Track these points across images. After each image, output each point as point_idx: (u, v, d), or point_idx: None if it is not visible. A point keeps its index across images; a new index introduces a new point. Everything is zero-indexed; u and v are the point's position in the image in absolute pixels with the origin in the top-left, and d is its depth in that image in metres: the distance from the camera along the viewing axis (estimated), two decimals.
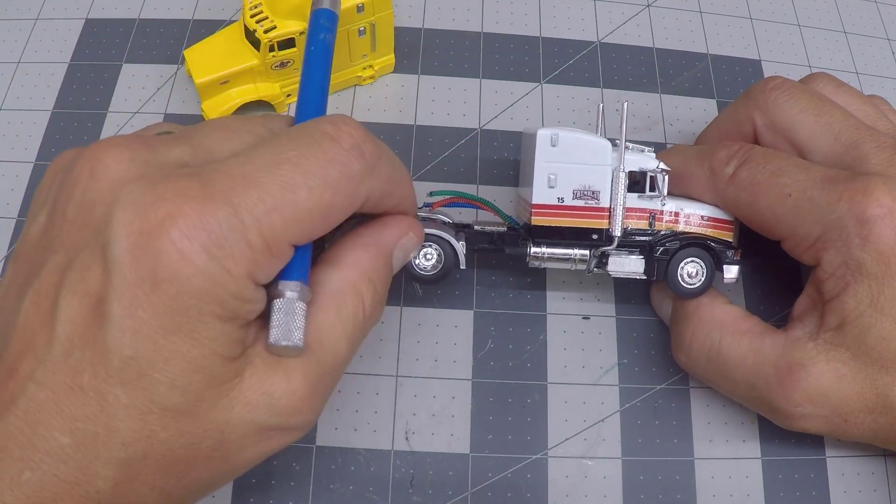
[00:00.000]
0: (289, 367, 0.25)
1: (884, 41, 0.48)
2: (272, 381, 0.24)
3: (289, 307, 0.25)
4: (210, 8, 0.45)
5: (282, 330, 0.24)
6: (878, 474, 0.36)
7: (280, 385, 0.24)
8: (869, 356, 0.30)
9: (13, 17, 0.45)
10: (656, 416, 0.36)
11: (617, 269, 0.34)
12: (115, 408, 0.22)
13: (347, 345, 0.27)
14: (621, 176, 0.33)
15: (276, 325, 0.24)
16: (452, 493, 0.34)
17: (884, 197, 0.29)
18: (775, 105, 0.34)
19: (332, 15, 0.33)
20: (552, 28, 0.46)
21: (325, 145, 0.25)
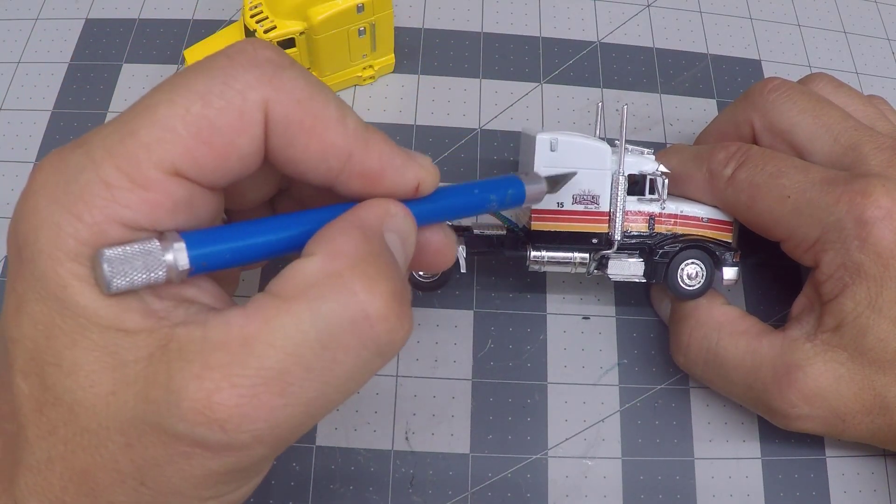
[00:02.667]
0: (208, 363, 0.19)
1: (884, 41, 0.48)
2: (181, 374, 0.18)
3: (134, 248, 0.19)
4: (210, 8, 0.45)
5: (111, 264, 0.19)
6: (878, 474, 0.36)
7: (189, 382, 0.18)
8: (867, 357, 0.30)
9: (13, 17, 0.45)
10: (656, 416, 0.36)
11: (617, 272, 0.34)
12: (21, 400, 0.19)
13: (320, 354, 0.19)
14: (621, 180, 0.33)
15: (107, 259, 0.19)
16: (452, 493, 0.34)
17: (882, 198, 0.29)
18: (774, 107, 0.34)
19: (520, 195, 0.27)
20: (552, 28, 0.46)
21: (210, 58, 0.21)
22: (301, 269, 0.20)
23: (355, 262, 0.20)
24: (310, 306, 0.19)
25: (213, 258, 0.20)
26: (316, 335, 0.19)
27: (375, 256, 0.21)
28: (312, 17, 0.37)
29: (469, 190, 0.26)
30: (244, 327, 0.19)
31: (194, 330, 0.19)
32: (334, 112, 0.21)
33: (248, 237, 0.21)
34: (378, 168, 0.22)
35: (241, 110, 0.20)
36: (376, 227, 0.22)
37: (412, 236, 0.23)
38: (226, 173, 0.20)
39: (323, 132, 0.21)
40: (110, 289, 0.19)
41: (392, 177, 0.23)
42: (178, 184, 0.20)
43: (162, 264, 0.19)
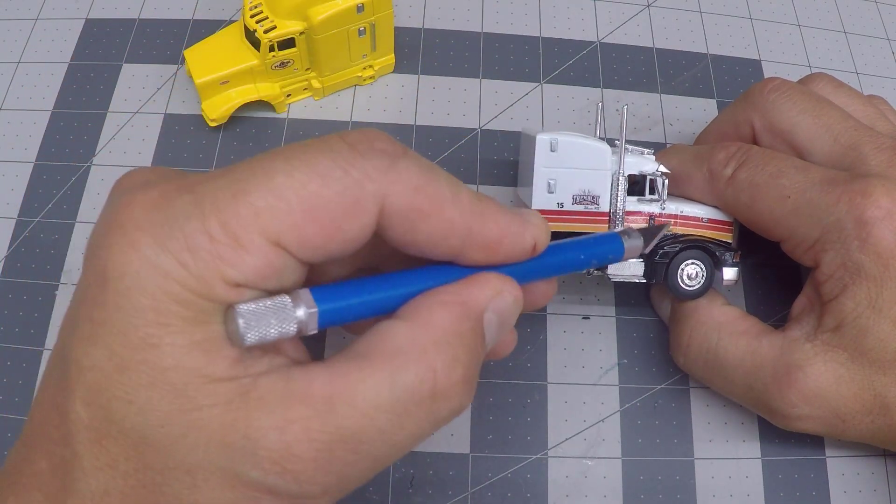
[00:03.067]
0: (290, 416, 0.19)
1: (884, 41, 0.48)
2: (261, 423, 0.19)
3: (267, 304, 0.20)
4: (210, 8, 0.45)
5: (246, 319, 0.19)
6: (878, 474, 0.36)
7: (268, 432, 0.19)
8: (867, 357, 0.30)
9: (13, 17, 0.45)
10: (656, 416, 0.36)
11: (617, 272, 0.34)
12: (78, 427, 0.19)
13: (393, 420, 0.20)
14: (621, 181, 0.33)
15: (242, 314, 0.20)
16: (452, 493, 0.34)
17: (882, 199, 0.29)
18: (774, 107, 0.34)
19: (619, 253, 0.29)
20: (552, 28, 0.46)
21: (329, 141, 0.21)
22: (391, 332, 0.21)
23: (443, 339, 0.21)
24: (392, 374, 0.20)
25: (338, 314, 0.21)
26: (392, 403, 0.20)
27: (464, 338, 0.22)
28: (312, 17, 0.37)
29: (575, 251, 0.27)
30: (327, 385, 0.20)
31: (277, 381, 0.20)
32: (448, 192, 0.22)
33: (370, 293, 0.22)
34: (497, 237, 0.23)
35: (357, 198, 0.21)
36: (479, 307, 0.23)
37: (513, 318, 0.24)
38: (325, 254, 0.21)
39: (441, 213, 0.22)
40: (244, 343, 0.19)
41: (512, 243, 0.23)
42: (277, 254, 0.20)
43: (293, 320, 0.20)
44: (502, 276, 0.24)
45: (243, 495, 0.19)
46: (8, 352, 0.36)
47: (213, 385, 0.19)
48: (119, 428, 0.19)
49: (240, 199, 0.19)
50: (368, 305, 0.22)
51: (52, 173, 0.40)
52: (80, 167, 0.40)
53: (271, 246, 0.20)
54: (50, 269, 0.38)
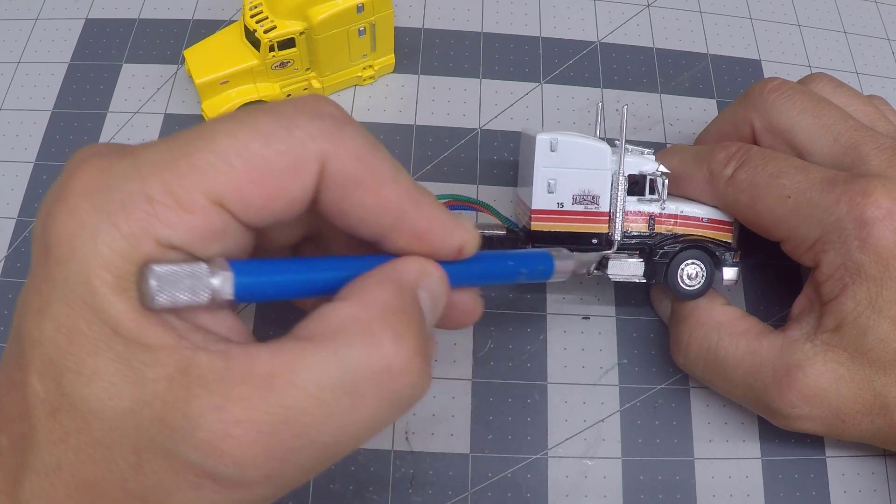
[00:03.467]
0: (230, 395, 0.18)
1: (884, 41, 0.48)
2: (200, 402, 0.18)
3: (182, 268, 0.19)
4: (210, 8, 0.45)
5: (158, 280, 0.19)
6: (878, 474, 0.36)
7: (207, 412, 0.18)
8: (867, 357, 0.30)
9: (13, 17, 0.45)
10: (656, 416, 0.36)
11: (617, 272, 0.34)
12: (34, 402, 0.19)
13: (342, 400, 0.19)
14: (621, 180, 0.33)
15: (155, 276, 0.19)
16: (452, 493, 0.34)
17: (883, 199, 0.29)
18: (773, 107, 0.34)
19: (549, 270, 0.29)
20: (552, 28, 0.46)
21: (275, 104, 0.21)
22: (331, 312, 0.20)
23: (386, 313, 0.20)
24: (336, 351, 0.20)
25: (257, 289, 0.21)
26: (339, 380, 0.19)
27: (406, 312, 0.21)
28: (312, 17, 0.37)
29: (503, 261, 0.27)
30: (269, 363, 0.19)
31: (217, 359, 0.19)
32: (389, 171, 0.22)
33: (293, 273, 0.22)
34: (427, 228, 0.23)
35: (299, 157, 0.20)
36: (412, 283, 0.22)
37: (444, 298, 0.24)
38: (267, 215, 0.21)
39: (378, 189, 0.22)
40: (153, 304, 0.19)
41: (439, 237, 0.23)
42: (219, 214, 0.20)
43: (207, 287, 0.19)
44: (424, 258, 0.23)
45: (184, 479, 0.19)
46: None
47: (153, 355, 0.19)
48: (70, 401, 0.19)
49: (181, 160, 0.19)
50: (289, 284, 0.21)
51: (53, 173, 0.40)
52: None
53: (213, 206, 0.20)
54: None
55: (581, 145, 0.33)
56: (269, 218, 0.21)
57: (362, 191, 0.22)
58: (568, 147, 0.33)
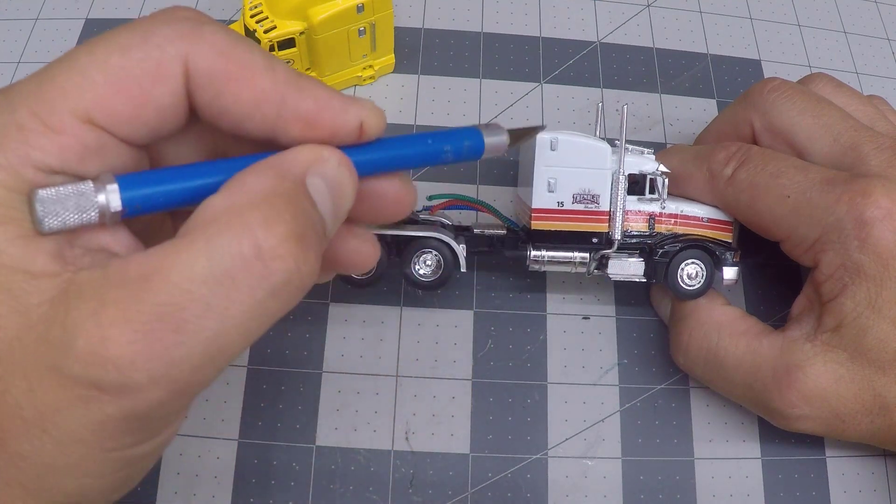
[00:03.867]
0: (104, 300, 0.18)
1: (884, 41, 0.48)
2: (77, 312, 0.18)
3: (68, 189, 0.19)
4: (210, 8, 0.45)
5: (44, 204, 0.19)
6: (878, 474, 0.36)
7: (84, 321, 0.18)
8: (866, 357, 0.30)
9: (13, 17, 0.45)
10: (656, 416, 0.36)
11: (617, 272, 0.34)
12: None
13: (217, 291, 0.19)
14: (621, 180, 0.33)
15: None
16: (452, 493, 0.34)
17: (882, 199, 0.29)
18: (773, 107, 0.34)
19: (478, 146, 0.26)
20: (552, 28, 0.46)
21: (135, 21, 0.21)
22: (205, 205, 0.20)
23: (258, 199, 0.20)
24: (207, 242, 0.19)
25: (147, 201, 0.20)
26: (210, 271, 0.19)
27: (282, 197, 0.20)
28: (312, 17, 0.37)
29: (422, 139, 0.25)
30: (143, 265, 0.19)
31: (95, 272, 0.19)
32: (261, 60, 0.21)
33: (182, 180, 0.21)
34: (314, 110, 0.22)
35: (159, 61, 0.20)
36: (296, 170, 0.21)
37: (347, 184, 0.22)
38: (141, 126, 0.21)
39: (251, 79, 0.21)
40: (42, 228, 0.19)
41: (331, 118, 0.22)
42: (90, 130, 0.20)
43: (94, 205, 0.19)
44: (321, 145, 0.22)
45: (74, 395, 0.19)
46: None
47: (36, 281, 0.19)
48: None
49: (45, 85, 0.20)
50: (177, 193, 0.21)
51: None
52: None
53: (83, 124, 0.20)
54: None
55: (581, 144, 0.33)
56: (143, 130, 0.21)
57: (235, 84, 0.21)
58: (568, 146, 0.33)
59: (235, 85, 0.21)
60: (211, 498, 0.33)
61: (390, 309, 0.37)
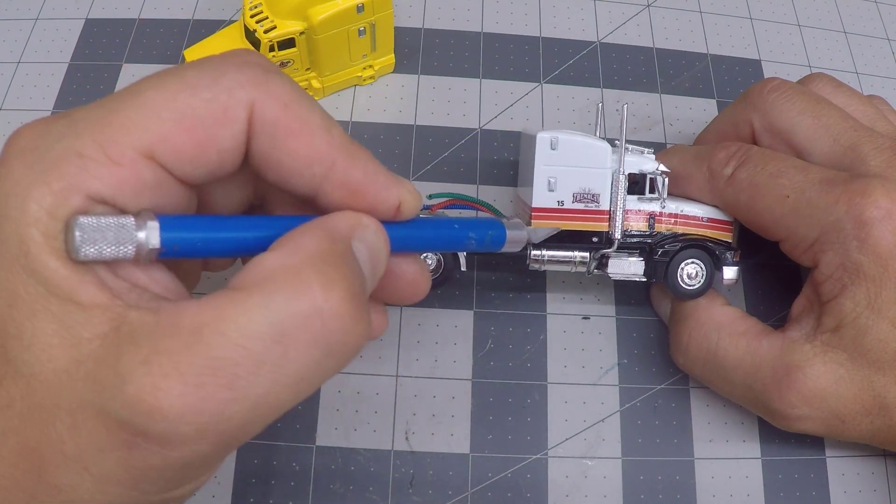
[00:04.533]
0: (157, 349, 0.18)
1: (884, 41, 0.48)
2: (129, 357, 0.18)
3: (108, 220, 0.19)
4: (210, 8, 0.45)
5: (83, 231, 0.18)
6: (878, 474, 0.36)
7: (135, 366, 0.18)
8: (866, 358, 0.30)
9: (13, 17, 0.45)
10: (656, 416, 0.36)
11: (617, 271, 0.34)
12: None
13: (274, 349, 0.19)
14: (621, 179, 0.33)
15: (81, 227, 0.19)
16: (452, 493, 0.34)
17: (882, 199, 0.29)
18: (773, 107, 0.34)
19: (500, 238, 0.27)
20: (552, 28, 0.46)
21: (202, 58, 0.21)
22: (260, 262, 0.20)
23: (315, 259, 0.20)
24: (264, 299, 0.19)
25: (185, 244, 0.20)
26: (267, 328, 0.19)
27: (337, 258, 0.20)
28: (312, 17, 0.37)
29: (449, 224, 0.26)
30: (196, 316, 0.19)
31: (147, 315, 0.19)
32: (319, 119, 0.22)
33: (223, 229, 0.21)
34: (361, 181, 0.22)
35: (226, 105, 0.20)
36: (344, 233, 0.22)
37: (382, 253, 0.23)
38: (200, 166, 0.21)
39: (308, 137, 0.21)
40: (78, 255, 0.18)
41: (374, 192, 0.23)
42: (150, 167, 0.20)
43: (133, 240, 0.19)
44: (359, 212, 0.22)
45: (118, 439, 0.18)
46: None
47: (88, 313, 0.19)
48: (15, 367, 0.19)
49: (111, 115, 0.19)
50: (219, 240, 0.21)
51: None
52: None
53: (144, 159, 0.20)
54: None
55: (581, 144, 0.33)
56: (201, 171, 0.21)
57: (292, 139, 0.21)
58: (568, 145, 0.33)
59: (293, 140, 0.21)
60: (211, 498, 0.33)
61: (390, 309, 0.37)
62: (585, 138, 0.33)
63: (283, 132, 0.21)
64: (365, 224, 0.22)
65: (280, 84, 0.21)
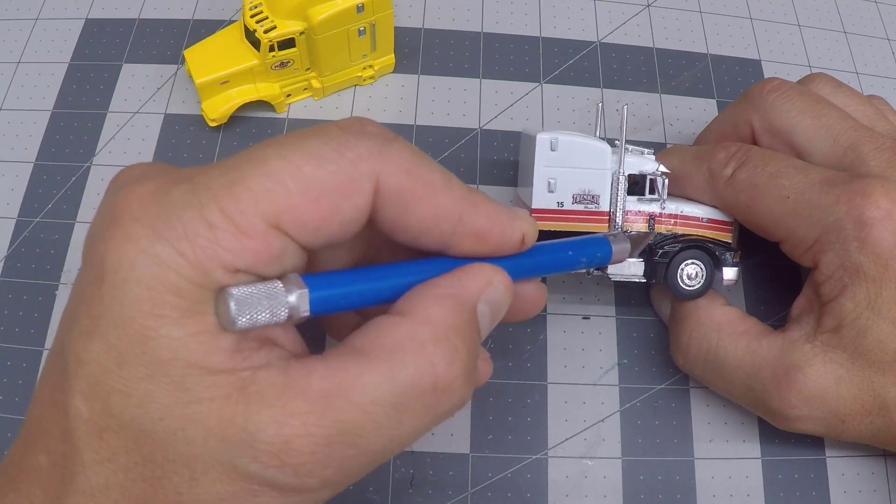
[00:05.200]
0: (288, 410, 0.19)
1: (884, 41, 0.48)
2: (259, 417, 0.19)
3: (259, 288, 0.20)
4: (210, 8, 0.45)
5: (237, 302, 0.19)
6: (878, 474, 0.36)
7: (267, 426, 0.19)
8: (866, 358, 0.30)
9: (13, 17, 0.45)
10: (656, 416, 0.36)
11: (617, 272, 0.34)
12: (77, 423, 0.19)
13: (392, 415, 0.20)
14: (621, 180, 0.33)
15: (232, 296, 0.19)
16: (452, 493, 0.34)
17: (882, 199, 0.29)
18: (773, 107, 0.34)
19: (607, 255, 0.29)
20: (552, 28, 0.46)
21: (321, 127, 0.22)
22: (389, 329, 0.21)
23: (441, 333, 0.21)
24: (391, 369, 0.20)
25: (331, 302, 0.21)
26: (391, 398, 0.20)
27: (461, 331, 0.22)
28: (312, 17, 0.37)
29: (563, 248, 0.28)
30: (325, 379, 0.20)
31: (276, 375, 0.20)
32: (440, 178, 0.22)
33: (363, 282, 0.22)
34: (486, 225, 0.23)
35: (351, 177, 0.21)
36: (473, 298, 0.23)
37: (505, 308, 0.24)
38: (323, 235, 0.21)
39: (434, 198, 0.22)
40: (234, 326, 0.19)
41: (500, 233, 0.24)
42: (278, 237, 0.20)
43: (285, 304, 0.20)
44: (492, 266, 0.24)
45: (242, 488, 0.19)
46: (8, 352, 0.36)
47: (211, 377, 0.19)
48: (119, 421, 0.19)
49: (237, 185, 0.19)
50: (360, 294, 0.22)
51: (52, 173, 0.40)
52: (80, 167, 0.40)
53: (271, 230, 0.20)
54: (50, 269, 0.38)
55: (581, 145, 0.33)
56: (324, 239, 0.21)
57: (419, 203, 0.22)
58: (568, 146, 0.33)
59: (419, 203, 0.22)
60: None
61: None
62: (585, 139, 0.33)
63: (409, 198, 0.22)
64: (495, 285, 0.23)
65: (400, 151, 0.22)
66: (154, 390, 0.19)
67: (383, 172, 0.21)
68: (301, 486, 0.20)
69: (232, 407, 0.19)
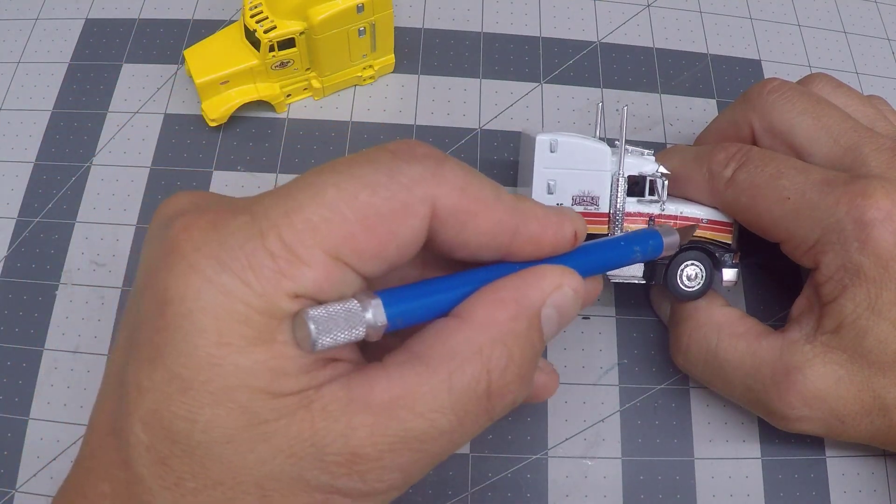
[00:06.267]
0: (353, 423, 0.20)
1: (884, 41, 0.48)
2: (326, 431, 0.20)
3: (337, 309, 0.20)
4: (210, 8, 0.45)
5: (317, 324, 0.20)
6: (878, 474, 0.36)
7: (334, 439, 0.20)
8: (866, 359, 0.30)
9: (13, 17, 0.45)
10: (656, 416, 0.36)
11: (616, 273, 0.34)
12: (138, 450, 0.20)
13: (452, 420, 0.21)
14: (621, 181, 0.33)
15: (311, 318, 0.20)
16: (452, 493, 0.34)
17: (882, 200, 0.29)
18: (773, 108, 0.34)
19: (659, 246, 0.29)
20: (552, 28, 0.46)
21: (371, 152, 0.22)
22: (448, 333, 0.22)
23: (498, 339, 0.22)
24: (449, 377, 0.21)
25: (407, 315, 0.22)
26: (450, 405, 0.21)
27: (519, 337, 0.22)
28: (312, 17, 0.37)
29: (617, 243, 0.28)
30: (387, 391, 0.21)
31: (338, 390, 0.20)
32: (491, 192, 0.23)
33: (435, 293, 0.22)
34: (539, 230, 0.24)
35: (406, 202, 0.21)
36: (536, 303, 0.23)
37: (574, 311, 0.24)
38: (382, 261, 0.21)
39: (488, 213, 0.22)
40: (315, 347, 0.19)
41: (553, 234, 0.24)
42: (337, 266, 0.20)
43: (363, 322, 0.20)
44: (562, 268, 0.24)
45: (313, 499, 0.20)
46: (8, 352, 0.36)
47: (278, 401, 0.20)
48: (183, 447, 0.19)
49: (295, 215, 0.20)
50: (433, 306, 0.22)
51: (52, 173, 0.40)
52: (80, 167, 0.40)
53: (331, 259, 0.20)
54: (50, 269, 0.38)
55: (581, 146, 0.33)
56: (383, 265, 0.21)
57: (475, 220, 0.22)
58: (568, 148, 0.33)
59: (475, 219, 0.22)
60: None
61: None
62: (585, 140, 0.33)
63: (465, 217, 0.22)
64: (564, 290, 0.23)
65: (452, 170, 0.22)
66: (221, 415, 0.19)
67: (438, 195, 0.21)
68: (370, 491, 0.21)
69: (298, 424, 0.20)
